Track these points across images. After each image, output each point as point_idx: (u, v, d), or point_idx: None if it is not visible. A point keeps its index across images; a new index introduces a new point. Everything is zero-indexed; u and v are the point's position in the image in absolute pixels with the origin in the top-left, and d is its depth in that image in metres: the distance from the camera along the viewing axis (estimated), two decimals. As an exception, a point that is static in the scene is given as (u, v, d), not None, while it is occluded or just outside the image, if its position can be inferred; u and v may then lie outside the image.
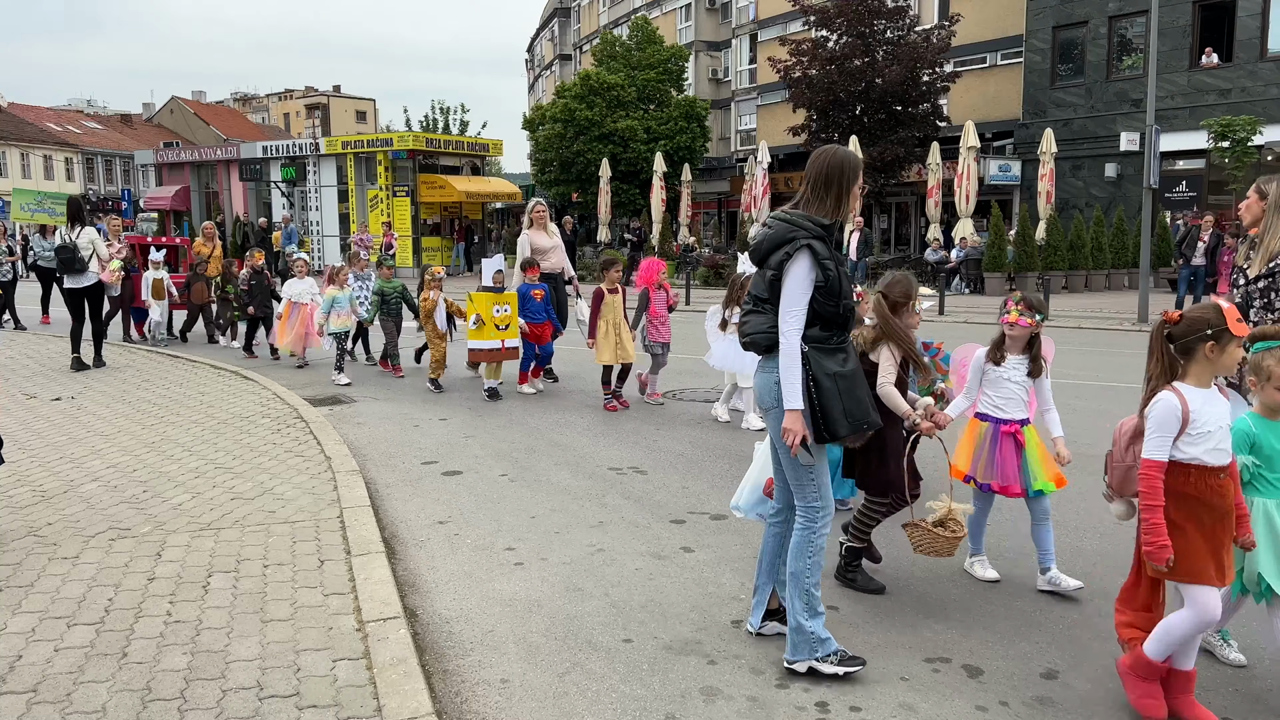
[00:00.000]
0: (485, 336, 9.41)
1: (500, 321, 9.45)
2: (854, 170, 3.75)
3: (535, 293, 9.99)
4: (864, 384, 3.73)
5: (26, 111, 64.22)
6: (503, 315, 9.44)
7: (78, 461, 6.82)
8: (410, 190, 32.81)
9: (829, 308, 3.61)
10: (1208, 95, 25.10)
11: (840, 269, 3.67)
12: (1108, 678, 3.75)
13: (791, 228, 3.67)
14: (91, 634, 3.94)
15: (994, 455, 4.68)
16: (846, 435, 3.62)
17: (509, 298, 9.56)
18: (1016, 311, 4.63)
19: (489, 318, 9.39)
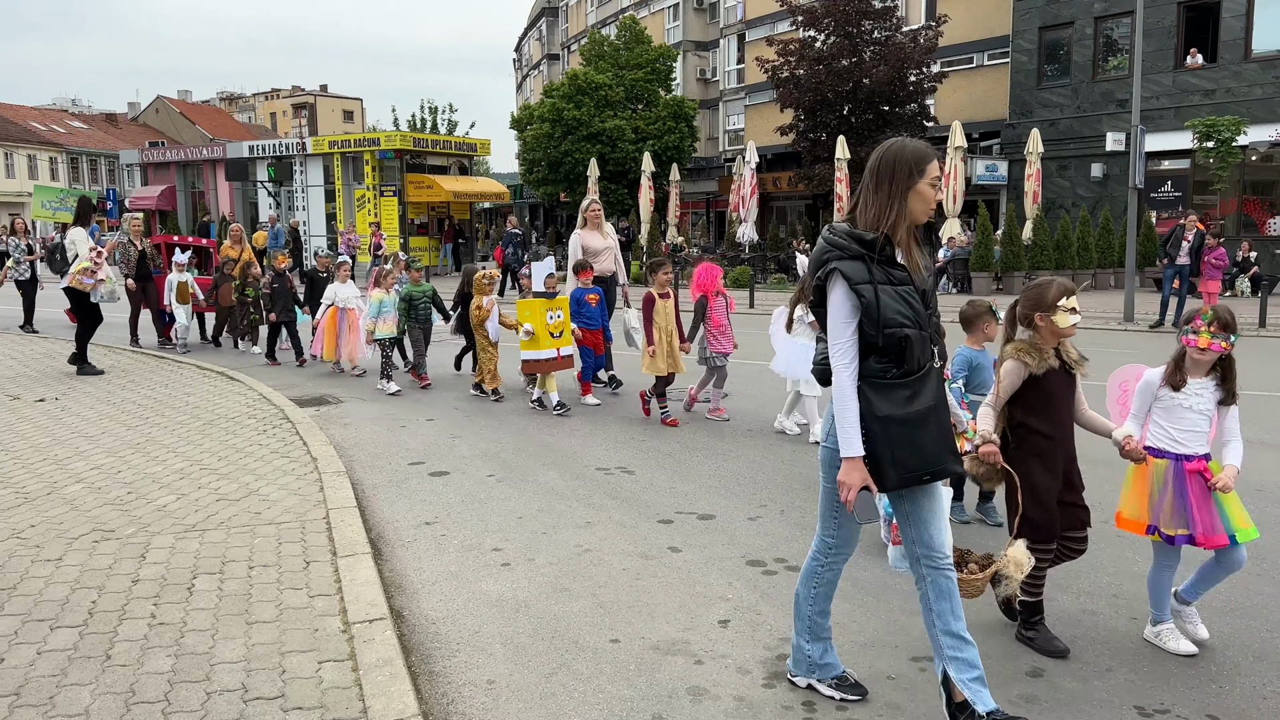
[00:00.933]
0: (539, 346, 8.85)
1: (554, 329, 8.91)
2: (911, 163, 3.17)
3: (590, 297, 9.45)
4: (936, 427, 3.19)
5: (10, 111, 63.72)
6: (556, 322, 8.91)
7: (61, 463, 6.77)
8: (397, 190, 32.70)
9: (872, 337, 3.15)
10: (1192, 96, 25.25)
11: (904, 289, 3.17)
12: (1093, 676, 3.77)
13: (827, 247, 3.24)
14: (75, 636, 3.91)
15: (1182, 499, 3.91)
16: (896, 487, 3.20)
17: (561, 302, 9.07)
18: (1208, 334, 3.85)
19: (541, 326, 8.84)
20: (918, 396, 3.18)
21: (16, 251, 15.64)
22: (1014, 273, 22.66)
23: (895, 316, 3.13)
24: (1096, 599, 4.51)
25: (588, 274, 9.51)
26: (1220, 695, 3.63)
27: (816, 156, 28.44)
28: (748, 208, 27.26)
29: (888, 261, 3.19)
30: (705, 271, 8.78)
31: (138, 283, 13.38)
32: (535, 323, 8.84)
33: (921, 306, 3.21)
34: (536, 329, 8.81)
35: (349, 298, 11.09)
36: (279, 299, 12.19)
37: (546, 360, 8.91)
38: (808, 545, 5.23)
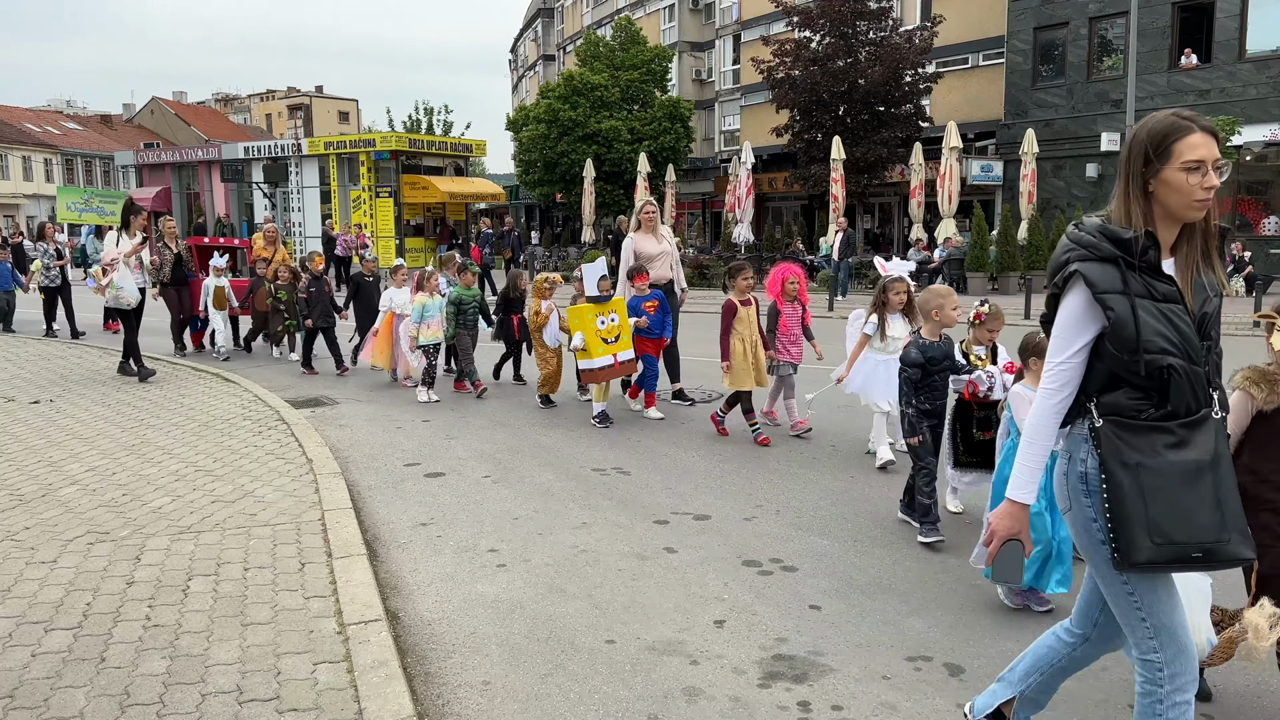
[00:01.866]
0: (594, 354, 8.30)
1: (607, 334, 8.32)
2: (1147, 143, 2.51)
3: (647, 304, 8.75)
4: (1212, 490, 2.46)
5: (5, 112, 63.57)
6: (609, 326, 8.32)
7: (56, 465, 6.76)
8: (393, 191, 32.67)
9: (1126, 363, 2.48)
10: (1187, 96, 25.28)
11: (1171, 308, 2.48)
12: (1088, 676, 3.77)
13: (1070, 245, 2.60)
14: (69, 639, 3.90)
15: None
16: (1147, 562, 2.46)
17: (615, 305, 8.44)
18: None
19: (591, 333, 8.29)
20: (1185, 446, 2.47)
21: (45, 257, 15.01)
22: (1009, 273, 22.69)
23: (1156, 340, 2.44)
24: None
25: (643, 279, 8.83)
26: (1216, 696, 3.64)
27: (812, 157, 28.44)
28: (744, 208, 27.27)
29: (1150, 269, 2.51)
30: (781, 272, 8.11)
31: (173, 287, 12.57)
32: (584, 330, 8.33)
33: (1193, 333, 2.49)
34: (586, 337, 8.30)
35: (406, 303, 10.31)
36: (316, 304, 11.49)
37: (604, 368, 8.37)
38: (803, 545, 5.27)
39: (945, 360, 5.36)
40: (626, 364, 8.46)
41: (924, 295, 5.56)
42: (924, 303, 5.49)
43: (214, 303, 12.57)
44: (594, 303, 8.45)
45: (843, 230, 23.69)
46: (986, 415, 5.40)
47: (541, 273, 9.54)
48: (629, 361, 8.45)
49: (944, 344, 5.42)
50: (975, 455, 5.48)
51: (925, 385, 5.35)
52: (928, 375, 5.33)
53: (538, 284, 9.39)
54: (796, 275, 8.10)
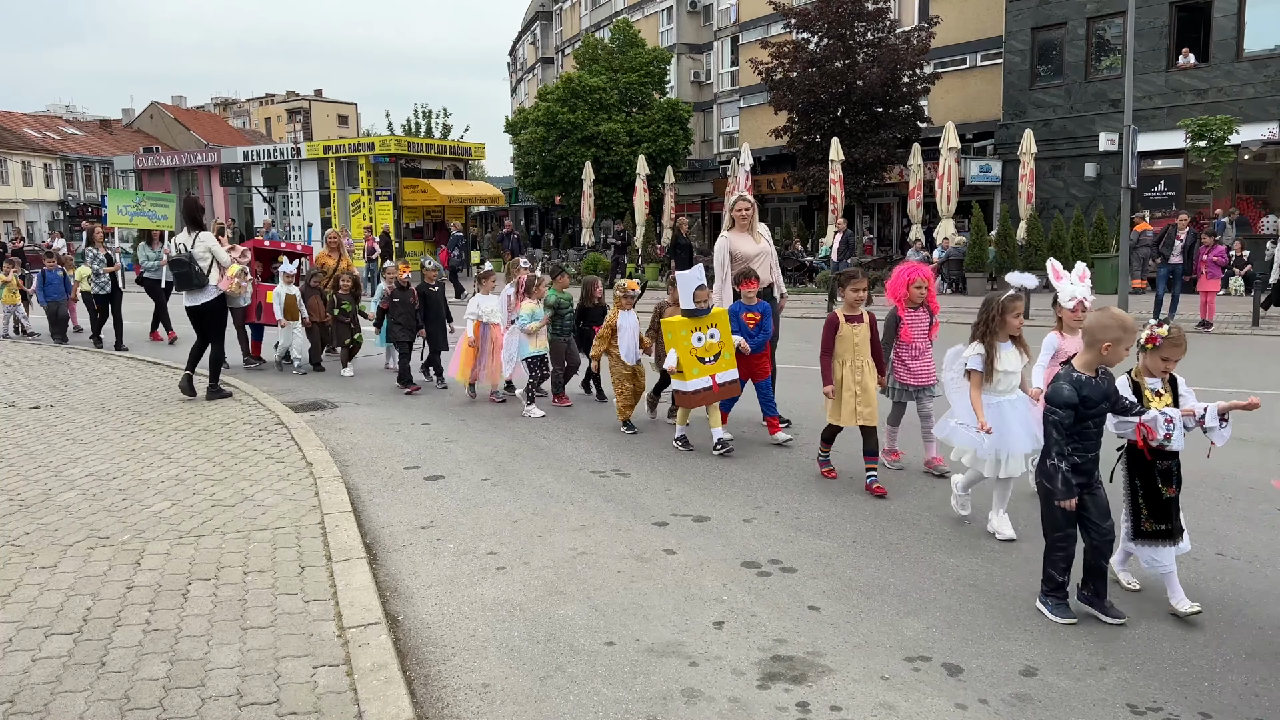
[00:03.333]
0: (689, 375, 7.27)
1: (705, 352, 7.29)
2: None
3: (749, 315, 7.62)
4: None
5: (4, 118, 63.66)
6: (708, 343, 7.31)
7: (56, 470, 6.77)
8: (392, 194, 32.72)
9: None
10: (1185, 95, 25.31)
11: None
12: (1086, 675, 3.78)
13: None
14: (69, 643, 3.91)
15: None
16: None
17: (715, 318, 7.37)
18: None
19: (684, 351, 7.25)
20: None
21: (95, 264, 14.33)
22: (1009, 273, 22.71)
23: None
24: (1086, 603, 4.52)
25: (751, 285, 7.61)
26: (1213, 693, 3.65)
27: (811, 158, 28.46)
28: (743, 209, 27.24)
29: None
30: (906, 272, 6.79)
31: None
32: (677, 348, 7.27)
33: None
34: (680, 356, 7.26)
35: (493, 311, 9.71)
36: (400, 315, 10.50)
37: (699, 392, 7.34)
38: (802, 546, 5.28)
39: (1104, 401, 4.29)
40: (727, 387, 7.41)
41: (1097, 319, 4.30)
42: (1096, 329, 4.27)
43: (285, 313, 11.58)
44: (690, 316, 7.36)
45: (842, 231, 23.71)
46: (1169, 467, 4.39)
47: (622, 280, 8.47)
48: (730, 384, 7.42)
49: (1103, 380, 4.30)
50: (1162, 520, 4.39)
51: (1076, 432, 4.27)
52: (1080, 419, 4.25)
53: (617, 292, 8.53)
54: (924, 277, 6.73)
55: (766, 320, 7.71)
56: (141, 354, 13.57)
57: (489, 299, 9.87)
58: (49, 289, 15.43)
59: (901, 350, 6.69)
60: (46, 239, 45.49)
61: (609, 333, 8.47)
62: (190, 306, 9.56)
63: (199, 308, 9.52)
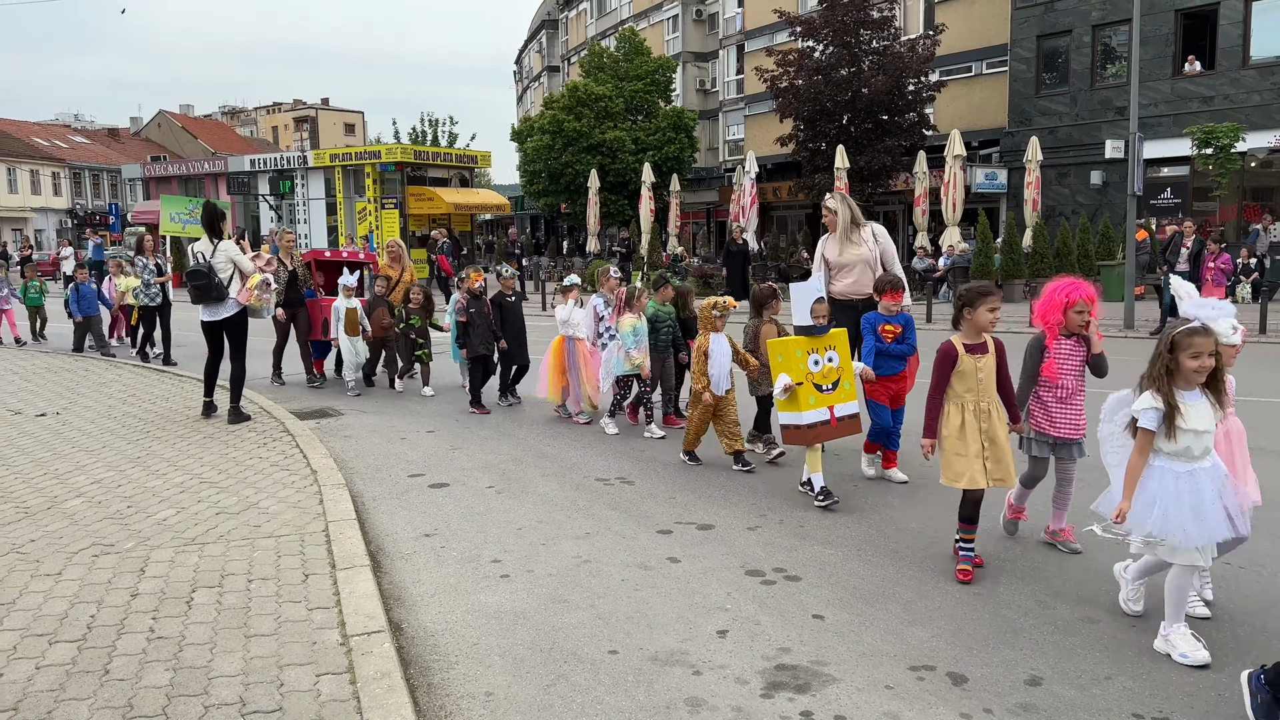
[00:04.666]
0: (802, 406, 6.10)
1: (823, 378, 6.19)
2: None
3: (887, 328, 6.62)
4: None
5: (13, 126, 64.02)
6: (826, 368, 6.21)
7: (61, 477, 6.78)
8: (399, 202, 32.80)
9: None
10: (1191, 103, 25.29)
11: None
12: (1092, 684, 3.76)
13: None
14: (73, 651, 3.91)
15: None
16: None
17: (835, 339, 6.31)
18: None
19: (803, 375, 6.12)
20: None
21: (145, 273, 13.63)
22: (1014, 280, 22.67)
23: None
24: (1096, 607, 4.50)
25: (896, 296, 6.63)
26: (1219, 703, 3.63)
27: (816, 166, 28.47)
28: (748, 217, 27.29)
29: None
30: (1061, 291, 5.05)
31: (286, 309, 11.14)
32: (790, 372, 6.11)
33: None
34: (795, 380, 6.10)
35: (578, 324, 9.08)
36: (476, 328, 9.66)
37: (814, 426, 6.14)
38: (807, 555, 5.27)
39: None
40: (847, 422, 6.30)
41: None
42: None
43: (346, 328, 10.71)
44: (805, 334, 6.25)
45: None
46: None
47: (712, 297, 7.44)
48: (851, 420, 6.33)
49: None
50: None
51: None
52: None
53: (704, 311, 7.29)
54: (1087, 298, 5.03)
55: (910, 333, 6.67)
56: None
57: (574, 311, 9.20)
58: (83, 303, 14.65)
59: (1044, 390, 5.14)
60: (55, 248, 45.75)
61: (702, 359, 7.17)
62: (207, 321, 8.92)
63: (218, 323, 8.90)
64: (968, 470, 4.84)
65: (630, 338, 8.42)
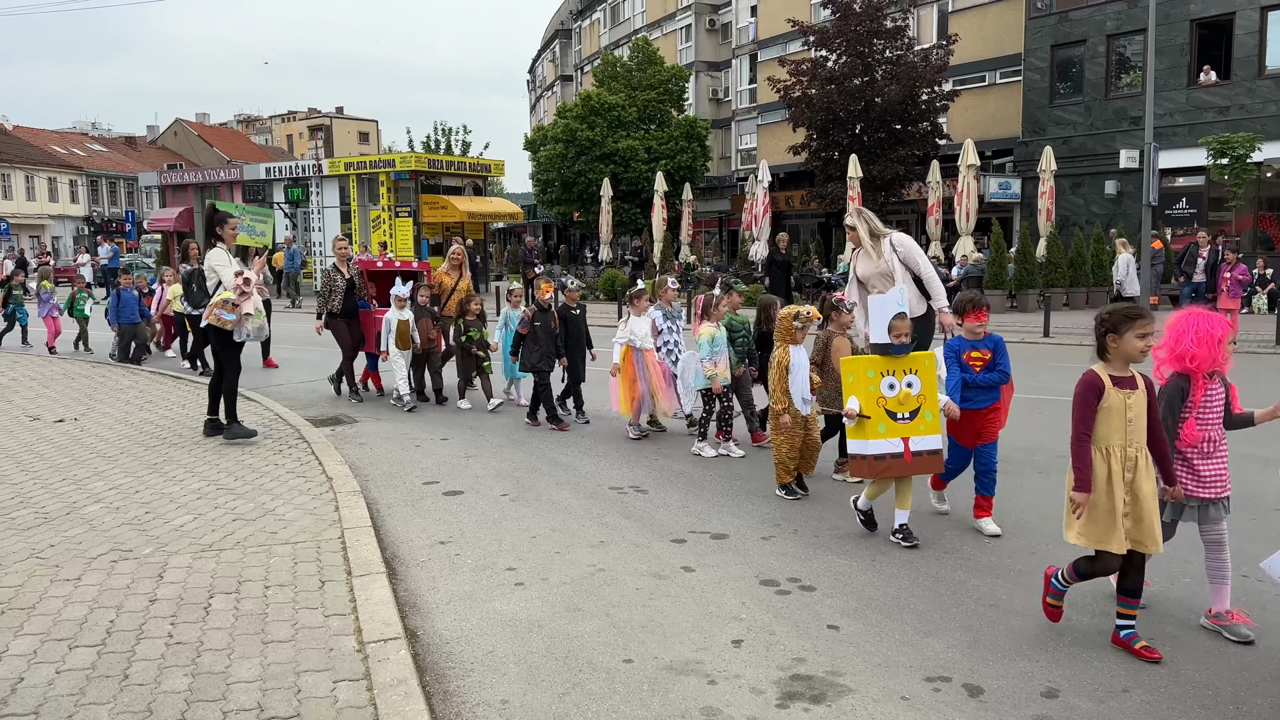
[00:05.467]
0: (870, 434, 5.48)
1: (899, 405, 5.50)
2: None
3: (974, 355, 5.75)
4: None
5: (31, 134, 64.64)
6: (904, 394, 5.52)
7: (80, 483, 6.83)
8: (412, 210, 32.91)
9: None
10: (1206, 113, 25.20)
11: None
12: (1109, 697, 3.75)
13: None
14: (93, 656, 3.94)
15: None
16: None
17: (917, 361, 5.58)
18: None
19: (872, 402, 5.49)
20: None
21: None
22: (1028, 290, 22.59)
23: None
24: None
25: (980, 316, 5.76)
26: (1238, 716, 3.60)
27: (829, 175, 28.51)
28: (760, 226, 27.32)
29: None
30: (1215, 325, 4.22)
31: (345, 319, 10.78)
32: (860, 395, 5.51)
33: None
34: (864, 406, 5.49)
35: (645, 335, 8.70)
36: (540, 342, 9.30)
37: (882, 459, 5.49)
38: (821, 564, 5.26)
39: None
40: (925, 459, 5.57)
41: None
42: None
43: (397, 341, 10.21)
44: (882, 353, 5.59)
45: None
46: None
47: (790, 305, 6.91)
48: (931, 456, 5.58)
49: None
50: None
51: None
52: None
53: (784, 322, 6.60)
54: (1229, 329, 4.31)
55: (1001, 357, 5.76)
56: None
57: (641, 321, 8.76)
58: (123, 310, 14.40)
59: (1189, 452, 4.36)
60: (73, 255, 46.10)
61: (782, 376, 6.53)
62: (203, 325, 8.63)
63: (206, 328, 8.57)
64: (1104, 531, 4.11)
65: (707, 348, 7.87)
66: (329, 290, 10.85)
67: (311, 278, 31.27)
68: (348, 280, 10.83)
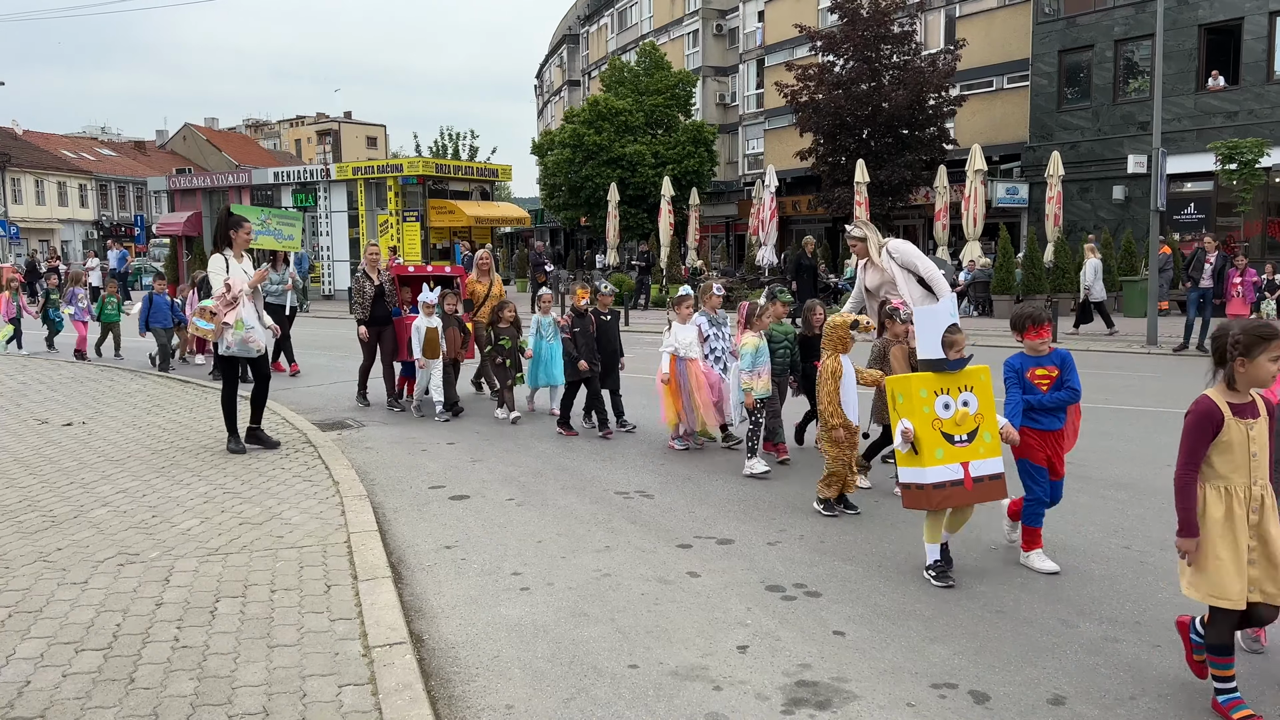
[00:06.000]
0: (926, 460, 4.89)
1: (955, 426, 4.93)
2: None
3: (1039, 372, 5.14)
4: None
5: (41, 139, 64.99)
6: (960, 414, 4.94)
7: (88, 486, 6.86)
8: (420, 215, 33.00)
9: None
10: (1214, 118, 25.13)
11: None
12: (1116, 704, 3.73)
13: None
14: (99, 659, 3.95)
15: None
16: None
17: (972, 377, 5.00)
18: None
19: (926, 424, 4.91)
20: None
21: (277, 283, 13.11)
22: (1035, 295, 22.55)
23: None
24: (1119, 626, 4.47)
25: (1040, 332, 5.13)
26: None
27: (836, 180, 28.48)
28: (767, 231, 27.30)
29: None
30: None
31: (372, 326, 10.52)
32: (912, 416, 4.94)
33: None
34: (916, 428, 4.92)
35: (691, 344, 8.31)
36: (581, 346, 8.99)
37: (941, 487, 4.90)
38: (827, 570, 5.25)
39: None
40: (988, 484, 4.98)
41: None
42: None
43: (425, 350, 9.88)
44: (935, 370, 5.04)
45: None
46: None
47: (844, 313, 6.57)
48: (992, 481, 4.99)
49: None
50: None
51: None
52: None
53: (837, 330, 6.30)
54: None
55: (1069, 373, 5.16)
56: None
57: (685, 329, 8.36)
58: (155, 315, 14.13)
59: None
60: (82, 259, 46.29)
61: (833, 387, 6.20)
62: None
63: None
64: (1227, 581, 3.54)
65: (749, 359, 7.35)
66: (361, 296, 10.57)
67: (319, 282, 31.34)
68: (377, 286, 10.58)
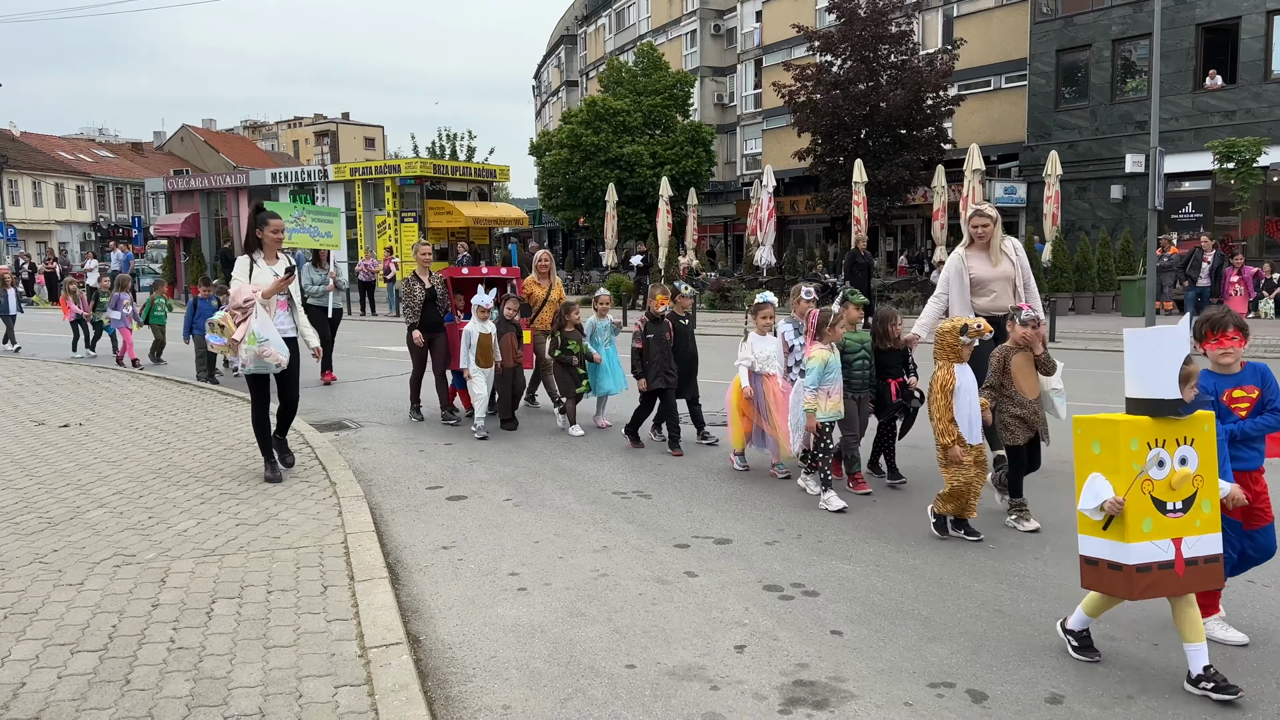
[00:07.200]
0: (1130, 534, 3.66)
1: (1170, 492, 3.69)
2: None
3: (1235, 396, 4.13)
4: None
5: (39, 140, 64.96)
6: (1179, 475, 3.69)
7: (84, 487, 6.84)
8: (418, 216, 33.02)
9: None
10: (1212, 117, 25.16)
11: None
12: (1114, 703, 3.73)
13: None
14: (95, 661, 3.94)
15: None
16: None
17: (1195, 426, 3.74)
18: None
19: (1136, 490, 3.66)
20: None
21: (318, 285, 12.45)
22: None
23: None
24: (1117, 625, 4.46)
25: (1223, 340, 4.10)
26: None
27: (834, 180, 28.50)
28: (765, 231, 27.31)
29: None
30: None
31: (426, 332, 9.74)
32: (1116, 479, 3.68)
33: None
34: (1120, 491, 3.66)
35: (769, 357, 7.34)
36: (655, 358, 8.30)
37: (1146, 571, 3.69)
38: (824, 570, 5.25)
39: None
40: (1204, 569, 3.76)
41: None
42: None
43: (478, 357, 9.06)
44: (1152, 414, 3.71)
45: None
46: None
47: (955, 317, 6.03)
48: (1211, 565, 3.77)
49: None
50: None
51: None
52: None
53: (947, 337, 5.64)
54: None
55: (1273, 392, 4.10)
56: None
57: (764, 341, 7.42)
58: (199, 321, 12.46)
59: None
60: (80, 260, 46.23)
61: (945, 403, 5.53)
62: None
63: None
64: None
65: (816, 375, 6.43)
66: (411, 301, 9.81)
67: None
68: (428, 290, 9.80)
